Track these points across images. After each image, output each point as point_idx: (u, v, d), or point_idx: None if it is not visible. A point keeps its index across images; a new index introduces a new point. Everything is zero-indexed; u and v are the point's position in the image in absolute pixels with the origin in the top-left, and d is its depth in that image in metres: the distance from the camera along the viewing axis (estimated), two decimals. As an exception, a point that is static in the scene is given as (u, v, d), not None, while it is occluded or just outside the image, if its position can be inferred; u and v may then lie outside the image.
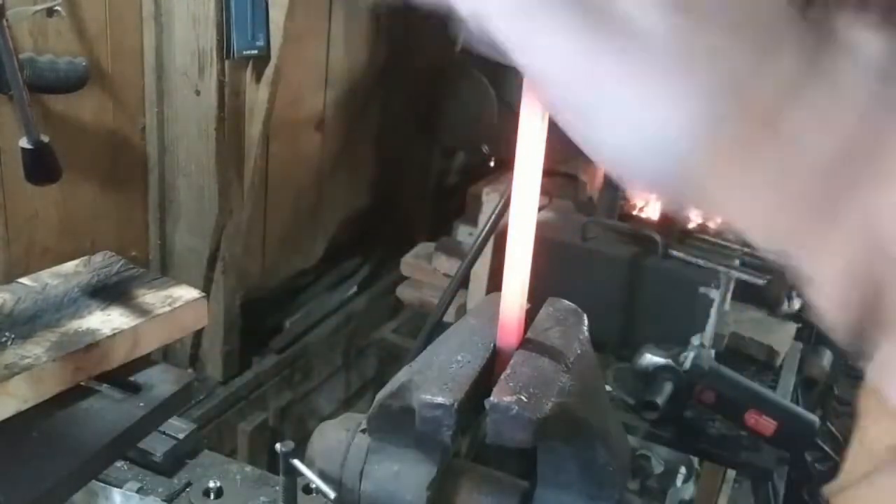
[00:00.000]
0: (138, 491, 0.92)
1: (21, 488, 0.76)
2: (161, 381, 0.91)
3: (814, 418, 1.82)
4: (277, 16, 2.05)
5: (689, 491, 2.26)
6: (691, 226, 2.65)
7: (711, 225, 2.57)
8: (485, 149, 2.73)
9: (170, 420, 0.95)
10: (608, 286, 2.10)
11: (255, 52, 2.04)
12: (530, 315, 0.76)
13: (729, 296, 2.10)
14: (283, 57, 2.09)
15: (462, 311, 2.44)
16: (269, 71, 2.10)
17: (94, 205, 2.01)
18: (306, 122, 2.66)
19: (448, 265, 2.64)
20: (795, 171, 0.36)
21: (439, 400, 0.68)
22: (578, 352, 0.76)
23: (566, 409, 0.69)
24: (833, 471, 0.71)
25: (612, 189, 2.35)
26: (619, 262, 2.11)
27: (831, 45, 0.36)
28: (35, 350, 0.85)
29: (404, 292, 2.79)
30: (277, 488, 0.85)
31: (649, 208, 2.70)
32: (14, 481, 0.77)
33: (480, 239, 1.96)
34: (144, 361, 0.93)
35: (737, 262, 2.14)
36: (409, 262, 2.79)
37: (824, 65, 0.36)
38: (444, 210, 3.01)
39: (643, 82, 0.42)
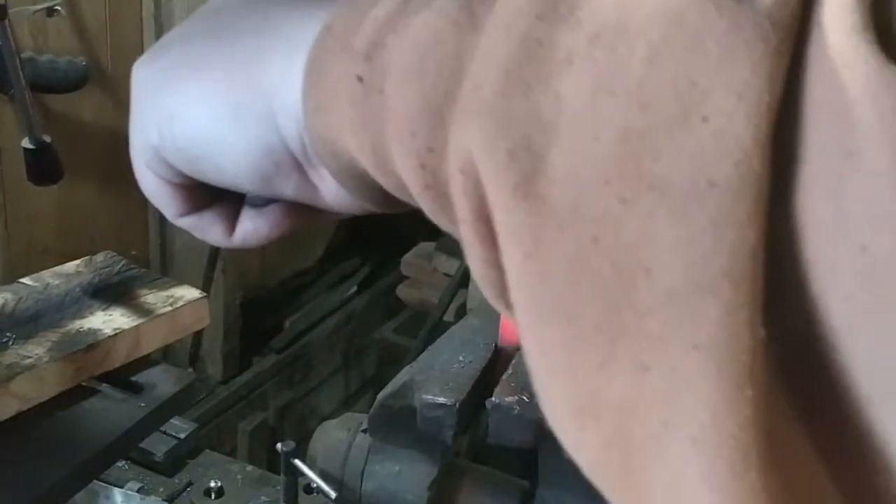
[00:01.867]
0: (139, 491, 0.93)
1: (22, 488, 0.76)
2: (162, 382, 0.91)
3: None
4: (277, 15, 2.05)
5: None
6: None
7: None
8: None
9: (171, 420, 0.95)
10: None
11: (256, 51, 2.03)
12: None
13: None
14: (284, 56, 2.09)
15: (462, 310, 2.44)
16: (269, 70, 2.10)
17: (94, 204, 2.01)
18: (306, 122, 2.65)
19: (448, 265, 2.64)
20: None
21: (441, 400, 0.68)
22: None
23: (567, 410, 0.69)
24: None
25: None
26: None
27: None
28: (36, 350, 0.85)
29: (404, 292, 2.79)
30: (278, 488, 0.85)
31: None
32: (15, 481, 0.77)
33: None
34: (146, 361, 0.93)
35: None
36: (409, 262, 2.79)
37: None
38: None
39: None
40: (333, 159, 0.37)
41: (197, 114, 0.41)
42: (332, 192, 0.42)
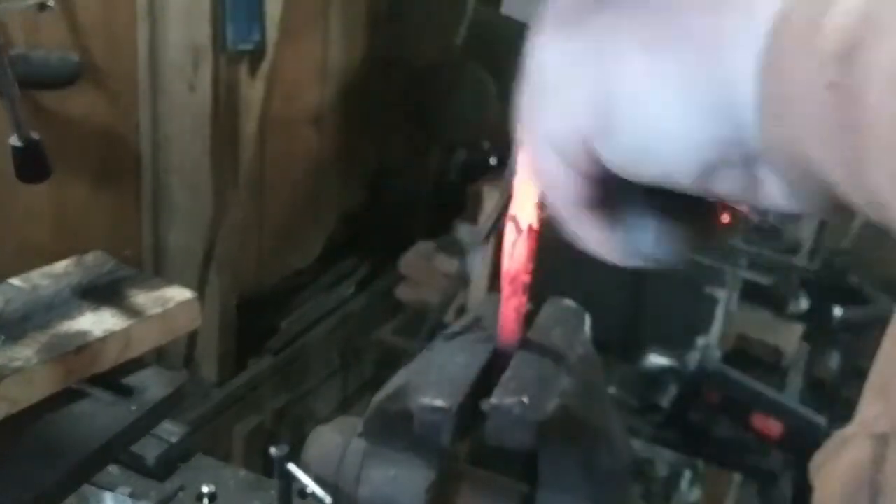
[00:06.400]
0: (130, 495, 0.91)
1: (11, 493, 0.75)
2: (153, 384, 0.90)
3: (821, 420, 1.80)
4: (273, 10, 2.04)
5: (694, 495, 2.25)
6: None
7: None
8: (485, 145, 2.71)
9: (162, 423, 0.94)
10: (611, 286, 2.09)
11: (251, 46, 2.02)
12: (531, 315, 0.75)
13: (735, 296, 2.09)
14: (279, 52, 2.08)
15: (462, 311, 2.42)
16: (264, 66, 2.08)
17: (86, 203, 2.00)
18: (303, 119, 2.64)
19: (448, 265, 2.62)
20: None
21: (438, 403, 0.66)
22: (580, 352, 0.75)
23: (568, 411, 0.68)
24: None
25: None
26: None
27: None
28: (25, 352, 0.84)
29: (403, 292, 2.78)
30: (272, 493, 0.84)
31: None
32: (4, 486, 0.75)
33: (481, 237, 1.95)
34: (136, 364, 0.92)
35: (743, 261, 2.13)
36: (408, 262, 2.77)
37: None
38: (444, 208, 2.99)
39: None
40: (790, 166, 0.34)
41: (644, 99, 0.36)
42: (775, 192, 0.37)
